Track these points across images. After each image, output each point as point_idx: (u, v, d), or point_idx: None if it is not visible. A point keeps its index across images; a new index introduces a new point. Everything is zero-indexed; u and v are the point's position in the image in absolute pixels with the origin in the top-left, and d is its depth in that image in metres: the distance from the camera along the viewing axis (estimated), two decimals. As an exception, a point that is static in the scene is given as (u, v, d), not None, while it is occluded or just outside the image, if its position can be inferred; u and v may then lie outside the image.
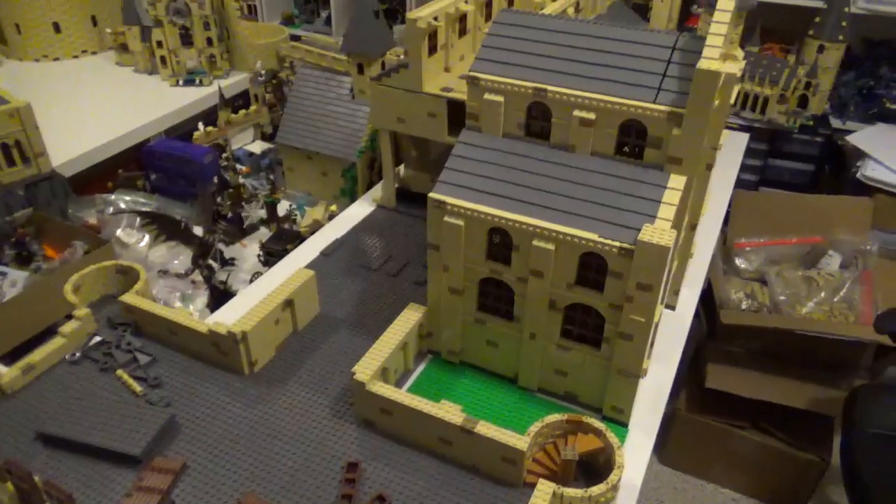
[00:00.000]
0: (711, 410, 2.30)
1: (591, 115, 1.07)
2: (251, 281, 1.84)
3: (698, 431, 2.34)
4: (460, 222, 1.11)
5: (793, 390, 2.16)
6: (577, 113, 1.08)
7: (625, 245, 1.00)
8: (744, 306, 2.26)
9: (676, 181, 1.05)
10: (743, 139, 2.36)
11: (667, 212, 1.02)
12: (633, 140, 1.08)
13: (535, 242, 1.06)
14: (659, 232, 0.99)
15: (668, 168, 1.06)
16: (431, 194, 1.12)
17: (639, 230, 1.00)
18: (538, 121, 1.13)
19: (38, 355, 1.23)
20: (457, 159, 1.16)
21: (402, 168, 1.88)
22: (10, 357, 1.43)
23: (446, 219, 1.12)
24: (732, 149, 2.25)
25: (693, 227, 1.35)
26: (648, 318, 1.04)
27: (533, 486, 0.98)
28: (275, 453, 1.10)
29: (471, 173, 1.14)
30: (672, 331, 1.40)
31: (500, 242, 1.12)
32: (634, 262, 1.00)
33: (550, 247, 1.06)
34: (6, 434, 1.12)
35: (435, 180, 1.14)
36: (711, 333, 2.34)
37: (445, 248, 1.16)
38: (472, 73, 1.15)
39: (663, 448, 2.50)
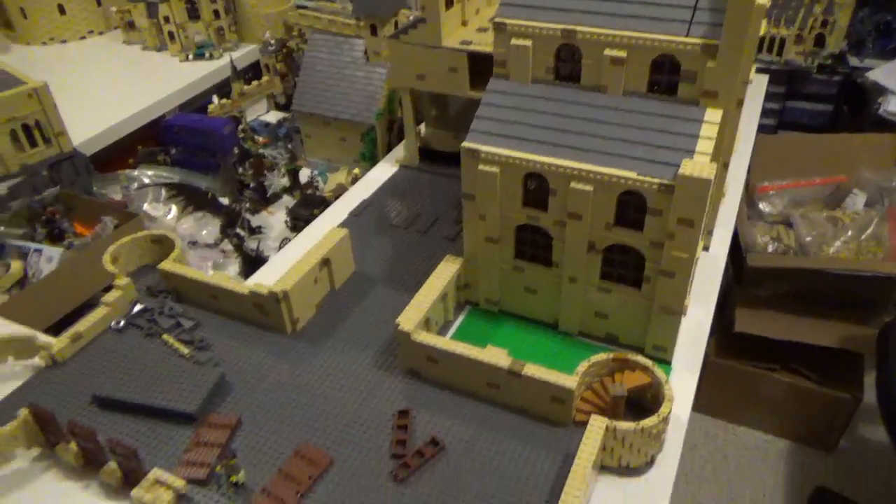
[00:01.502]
0: (741, 355, 2.31)
1: (623, 54, 1.06)
2: (280, 247, 1.86)
3: (729, 376, 2.35)
4: (495, 169, 1.11)
5: (822, 330, 2.16)
6: (607, 52, 1.07)
7: (665, 181, 1.00)
8: (770, 249, 2.25)
9: (713, 115, 1.04)
10: (763, 81, 2.33)
11: (706, 146, 1.02)
12: (665, 76, 1.07)
13: (572, 185, 1.06)
14: (700, 166, 0.98)
15: (704, 102, 1.05)
16: (465, 143, 1.12)
17: (677, 166, 0.99)
18: (568, 63, 1.12)
19: (84, 324, 1.25)
20: (487, 107, 1.15)
21: (422, 127, 1.87)
22: (53, 331, 1.45)
23: (481, 167, 1.12)
24: (754, 91, 2.22)
25: (725, 165, 1.35)
26: (691, 253, 1.04)
27: (583, 424, 1.00)
28: (325, 406, 1.13)
29: (502, 120, 1.14)
30: (707, 271, 1.40)
31: (537, 188, 1.12)
32: (675, 198, 1.00)
33: (588, 188, 1.06)
34: (63, 400, 1.14)
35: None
36: (738, 279, 2.34)
37: (481, 197, 1.16)
38: (498, 19, 1.13)
39: (694, 394, 2.51)
